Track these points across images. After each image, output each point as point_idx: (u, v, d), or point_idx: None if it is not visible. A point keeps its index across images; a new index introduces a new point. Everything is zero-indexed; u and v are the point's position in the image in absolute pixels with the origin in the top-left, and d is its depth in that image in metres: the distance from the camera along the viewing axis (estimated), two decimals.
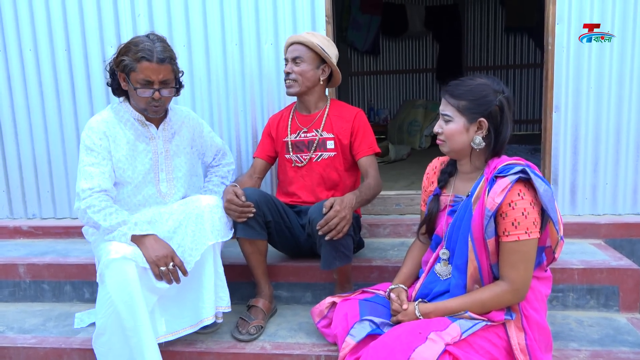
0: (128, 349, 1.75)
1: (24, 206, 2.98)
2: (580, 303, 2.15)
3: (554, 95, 2.59)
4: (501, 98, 1.53)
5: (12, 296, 2.47)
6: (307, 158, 2.23)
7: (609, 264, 2.17)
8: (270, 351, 1.89)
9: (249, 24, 2.68)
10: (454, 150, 1.59)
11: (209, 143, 2.24)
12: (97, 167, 1.89)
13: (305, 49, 2.15)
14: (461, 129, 1.55)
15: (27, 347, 2.03)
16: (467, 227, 1.51)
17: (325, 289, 2.25)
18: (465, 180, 1.63)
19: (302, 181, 2.25)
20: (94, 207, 1.82)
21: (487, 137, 1.54)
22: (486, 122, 1.52)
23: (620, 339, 1.90)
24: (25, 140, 2.90)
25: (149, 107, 1.91)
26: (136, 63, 1.83)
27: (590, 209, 2.67)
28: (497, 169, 1.50)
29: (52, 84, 2.83)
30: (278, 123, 2.32)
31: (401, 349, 1.36)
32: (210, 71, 2.73)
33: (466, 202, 1.55)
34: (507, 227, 1.44)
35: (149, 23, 2.72)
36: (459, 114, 1.54)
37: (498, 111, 1.52)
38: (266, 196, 2.07)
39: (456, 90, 1.55)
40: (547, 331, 1.56)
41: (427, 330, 1.42)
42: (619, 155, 2.61)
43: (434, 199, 1.70)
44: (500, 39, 7.43)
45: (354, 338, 1.52)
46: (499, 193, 1.44)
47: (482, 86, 1.54)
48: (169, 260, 1.78)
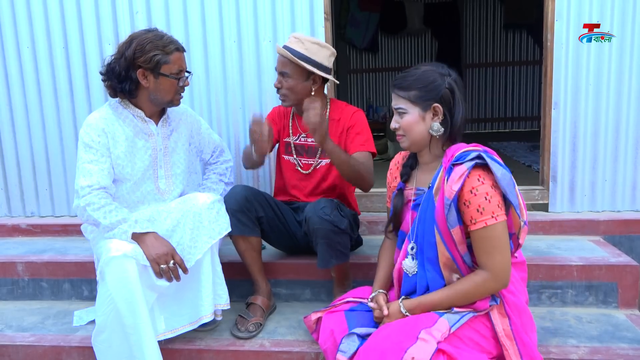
0: (128, 347, 1.75)
1: (22, 204, 2.97)
2: (579, 299, 2.16)
3: (553, 92, 2.59)
4: (449, 80, 1.53)
5: (11, 294, 2.46)
6: (311, 164, 2.20)
7: (607, 260, 2.17)
8: (269, 348, 1.89)
9: (247, 21, 2.67)
10: (414, 142, 1.57)
11: (207, 140, 2.23)
12: (96, 165, 1.88)
13: (290, 63, 2.04)
14: (417, 119, 1.54)
15: (25, 345, 2.03)
16: (432, 219, 1.49)
17: (324, 286, 2.25)
18: (426, 172, 1.62)
19: (305, 186, 2.22)
20: (94, 205, 1.82)
21: (443, 122, 1.54)
22: (440, 106, 1.52)
23: (619, 335, 1.90)
24: (23, 138, 2.89)
25: (175, 97, 1.94)
26: (169, 55, 1.86)
27: (589, 206, 2.67)
28: (454, 156, 1.48)
29: (50, 81, 2.82)
30: (281, 118, 2.27)
31: (392, 350, 1.34)
32: (208, 68, 2.72)
33: (428, 194, 1.54)
34: (472, 215, 1.42)
35: (147, 20, 2.71)
36: (412, 105, 1.54)
37: (449, 94, 1.52)
38: (256, 192, 2.08)
39: (404, 82, 1.54)
40: (528, 313, 1.55)
41: (417, 329, 1.40)
42: (618, 152, 2.61)
43: (398, 194, 1.68)
44: (499, 35, 7.43)
45: (345, 354, 1.49)
46: (456, 180, 1.43)
47: (428, 72, 1.53)
48: (169, 258, 1.78)
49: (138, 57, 1.84)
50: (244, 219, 2.00)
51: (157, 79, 1.87)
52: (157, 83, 1.88)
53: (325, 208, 1.91)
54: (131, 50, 1.84)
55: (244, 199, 2.00)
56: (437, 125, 1.53)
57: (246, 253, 2.07)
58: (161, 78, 1.87)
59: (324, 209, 1.90)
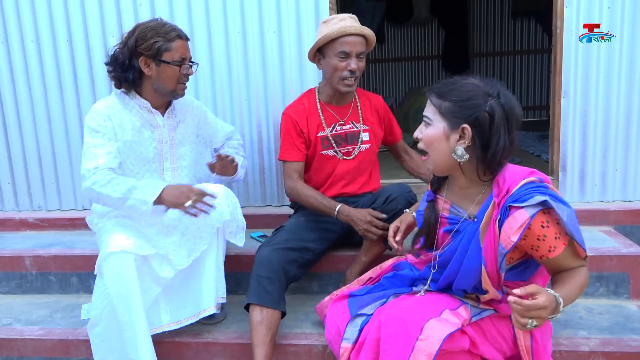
0: (121, 342, 1.76)
1: (29, 198, 2.98)
2: (589, 291, 2.12)
3: (563, 80, 2.54)
4: (493, 103, 1.28)
5: (19, 288, 2.47)
6: (353, 150, 2.13)
7: (619, 251, 2.13)
8: (276, 341, 1.88)
9: (251, 11, 2.64)
10: (437, 163, 1.38)
11: (215, 129, 2.22)
12: (103, 148, 1.85)
13: (365, 42, 2.01)
14: (440, 136, 1.33)
15: (34, 338, 2.05)
16: (475, 258, 1.35)
17: (331, 278, 2.24)
18: (461, 193, 1.44)
19: (349, 175, 2.15)
20: (100, 182, 1.78)
21: (471, 149, 1.31)
22: (470, 129, 1.29)
23: (631, 326, 1.88)
24: (29, 133, 2.89)
25: (179, 87, 1.93)
26: (171, 42, 1.85)
27: (600, 196, 2.63)
28: (510, 193, 1.29)
29: (54, 75, 2.82)
30: (307, 118, 2.11)
31: (414, 320, 1.32)
32: (213, 60, 2.70)
33: (472, 227, 1.37)
34: (543, 254, 1.30)
35: (150, 12, 2.69)
36: (440, 117, 1.33)
37: (488, 118, 1.28)
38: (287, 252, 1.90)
39: (441, 89, 1.35)
40: (548, 325, 1.53)
41: (441, 307, 1.38)
42: (629, 140, 2.57)
43: (429, 206, 1.51)
44: (507, 24, 7.33)
45: (349, 341, 1.48)
46: (515, 230, 1.26)
47: (470, 86, 1.31)
48: (187, 196, 1.74)
49: (140, 44, 1.84)
50: (270, 287, 1.80)
51: (159, 66, 1.86)
52: (159, 71, 1.87)
53: (410, 193, 1.98)
54: (133, 38, 1.85)
55: (276, 264, 1.84)
56: (461, 151, 1.31)
57: (257, 328, 1.76)
58: (163, 65, 1.86)
59: (410, 194, 1.97)
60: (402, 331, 1.32)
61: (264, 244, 1.98)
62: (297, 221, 2.11)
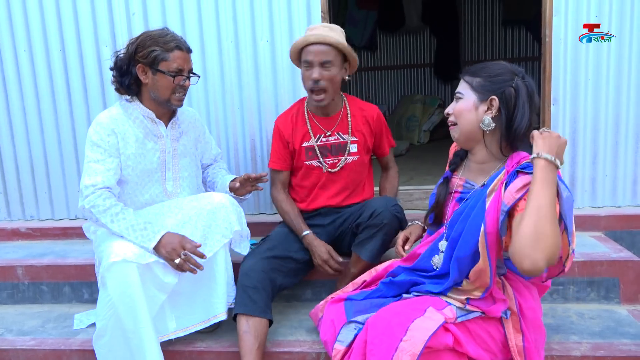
0: (129, 351, 1.75)
1: (21, 208, 2.97)
2: (580, 296, 2.15)
3: (552, 87, 2.58)
4: (519, 81, 1.45)
5: (11, 298, 2.46)
6: (338, 162, 2.11)
7: (609, 256, 2.16)
8: (270, 349, 1.89)
9: (244, 21, 2.66)
10: (463, 132, 1.51)
11: (209, 145, 2.25)
12: (102, 164, 1.86)
13: (333, 51, 1.96)
14: (470, 107, 1.49)
15: (26, 349, 2.03)
16: (478, 219, 1.41)
17: (324, 286, 2.24)
18: (477, 169, 1.56)
19: (334, 186, 2.13)
20: (98, 207, 1.80)
21: (497, 119, 1.46)
22: (497, 100, 1.45)
23: (622, 331, 1.90)
24: (22, 142, 2.89)
25: (174, 97, 1.92)
26: (169, 52, 1.86)
27: (590, 202, 2.66)
28: (520, 163, 1.41)
29: (47, 84, 2.82)
30: (293, 128, 2.12)
31: (399, 321, 1.36)
32: (206, 69, 2.72)
33: (480, 192, 1.47)
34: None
35: (143, 22, 2.70)
36: (471, 91, 1.49)
37: (514, 93, 1.44)
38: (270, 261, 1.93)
39: (474, 69, 1.52)
40: (542, 330, 1.55)
41: (425, 306, 1.42)
42: (618, 147, 2.60)
43: (443, 183, 1.64)
44: (498, 32, 7.40)
45: (342, 343, 1.49)
46: (519, 188, 1.35)
47: (500, 65, 1.49)
48: (179, 250, 1.75)
49: (139, 52, 1.87)
50: (254, 295, 1.82)
51: (155, 75, 1.88)
52: (155, 80, 1.89)
53: (396, 206, 1.95)
54: (134, 45, 1.88)
55: (261, 273, 1.85)
56: (488, 120, 1.46)
57: (244, 337, 1.76)
58: (158, 75, 1.88)
59: (396, 207, 1.95)
60: (386, 332, 1.35)
61: (248, 254, 2.00)
62: (282, 230, 2.13)
